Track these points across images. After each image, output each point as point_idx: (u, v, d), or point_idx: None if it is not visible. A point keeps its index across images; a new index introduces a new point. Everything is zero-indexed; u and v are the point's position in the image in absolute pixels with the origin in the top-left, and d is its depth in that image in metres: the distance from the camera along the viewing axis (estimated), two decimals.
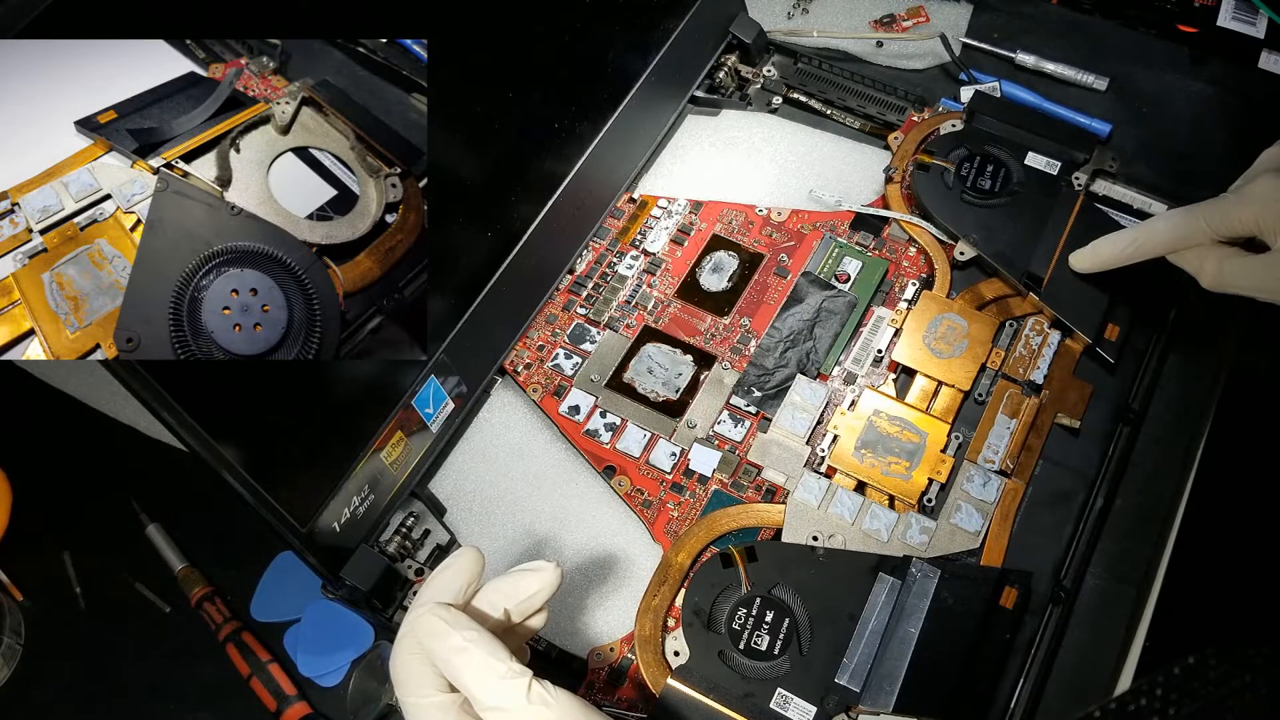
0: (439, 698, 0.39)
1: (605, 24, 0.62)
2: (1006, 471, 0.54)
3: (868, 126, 0.70)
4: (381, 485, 0.53)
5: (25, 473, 0.62)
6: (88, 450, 0.63)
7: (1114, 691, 0.50)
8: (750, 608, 0.50)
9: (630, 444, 0.57)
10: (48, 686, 0.56)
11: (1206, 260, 0.49)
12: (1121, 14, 0.74)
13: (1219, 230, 0.48)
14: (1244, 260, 0.48)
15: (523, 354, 0.60)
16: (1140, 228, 0.52)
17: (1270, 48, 0.72)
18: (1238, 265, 0.48)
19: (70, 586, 0.58)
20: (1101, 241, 0.55)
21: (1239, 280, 0.48)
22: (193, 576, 0.58)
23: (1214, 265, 0.49)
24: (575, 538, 0.56)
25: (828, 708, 0.47)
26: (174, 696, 0.55)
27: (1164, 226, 0.51)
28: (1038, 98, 0.69)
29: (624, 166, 0.66)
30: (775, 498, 0.55)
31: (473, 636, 0.39)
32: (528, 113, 0.58)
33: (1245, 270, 0.48)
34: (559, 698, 0.39)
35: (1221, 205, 0.48)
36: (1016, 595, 0.50)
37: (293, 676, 0.54)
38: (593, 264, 0.64)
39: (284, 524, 0.48)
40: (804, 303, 0.61)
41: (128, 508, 0.60)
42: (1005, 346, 0.58)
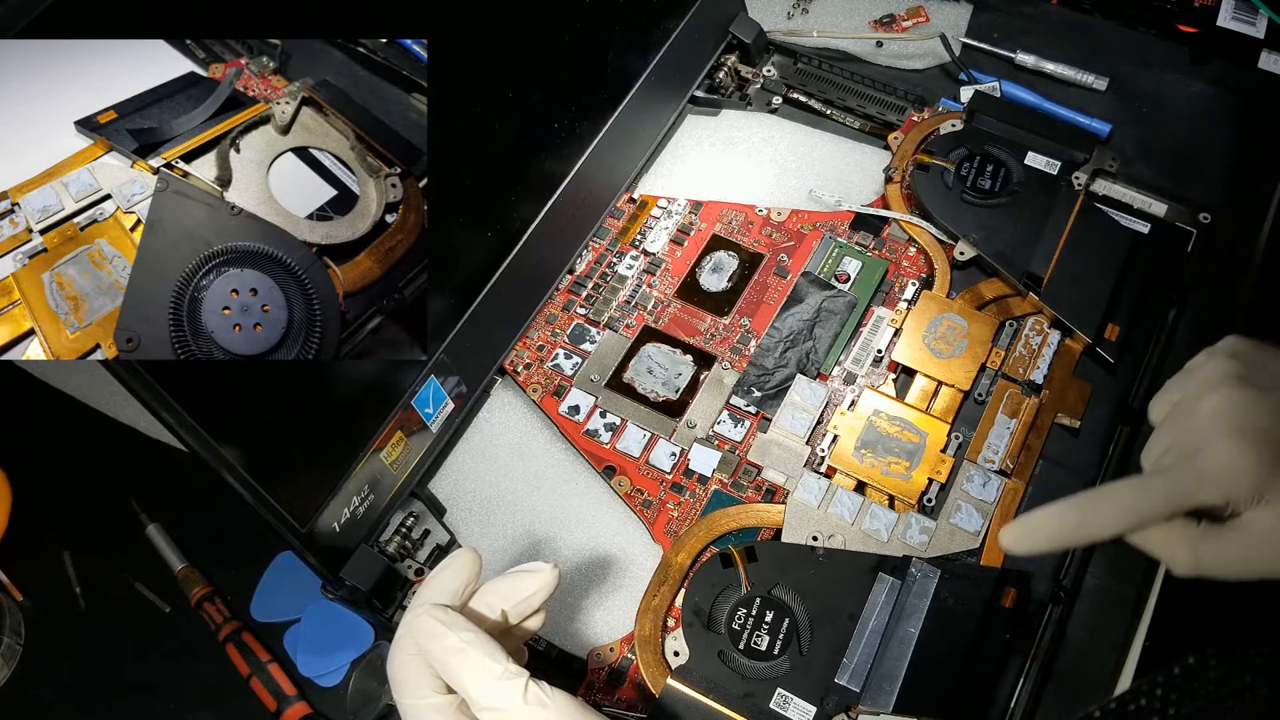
0: (436, 699, 0.39)
1: (605, 24, 0.62)
2: (1006, 471, 0.54)
3: (868, 126, 0.70)
4: (381, 485, 0.53)
5: (25, 473, 0.62)
6: (88, 450, 0.63)
7: (1114, 691, 0.50)
8: (750, 608, 0.50)
9: (630, 444, 0.57)
10: (48, 686, 0.56)
11: (1176, 547, 0.41)
12: (1121, 14, 0.74)
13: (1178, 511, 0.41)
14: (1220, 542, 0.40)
15: (523, 354, 0.60)
16: (1084, 508, 0.42)
17: (1270, 48, 0.72)
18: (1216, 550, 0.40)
19: (70, 586, 0.58)
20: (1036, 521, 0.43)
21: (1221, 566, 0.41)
22: (193, 576, 0.58)
23: (1187, 553, 0.41)
24: (575, 538, 0.56)
25: (828, 708, 0.47)
26: (174, 696, 0.55)
27: (1113, 509, 0.41)
28: (1038, 98, 0.69)
29: (624, 166, 0.66)
30: (775, 498, 0.55)
31: (470, 638, 0.39)
32: (528, 113, 0.58)
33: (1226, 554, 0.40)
34: (556, 698, 0.39)
35: (1179, 484, 0.40)
36: (1016, 595, 0.50)
37: (293, 676, 0.54)
38: (593, 264, 0.64)
39: (284, 524, 0.48)
40: (804, 303, 0.61)
41: (128, 508, 0.60)
42: (1005, 346, 0.58)
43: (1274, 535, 0.39)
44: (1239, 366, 0.43)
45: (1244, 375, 0.42)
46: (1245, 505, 0.40)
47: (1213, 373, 0.43)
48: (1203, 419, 0.42)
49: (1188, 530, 0.41)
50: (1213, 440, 0.40)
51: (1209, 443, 0.40)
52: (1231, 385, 0.42)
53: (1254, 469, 0.39)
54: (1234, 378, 0.42)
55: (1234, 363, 0.43)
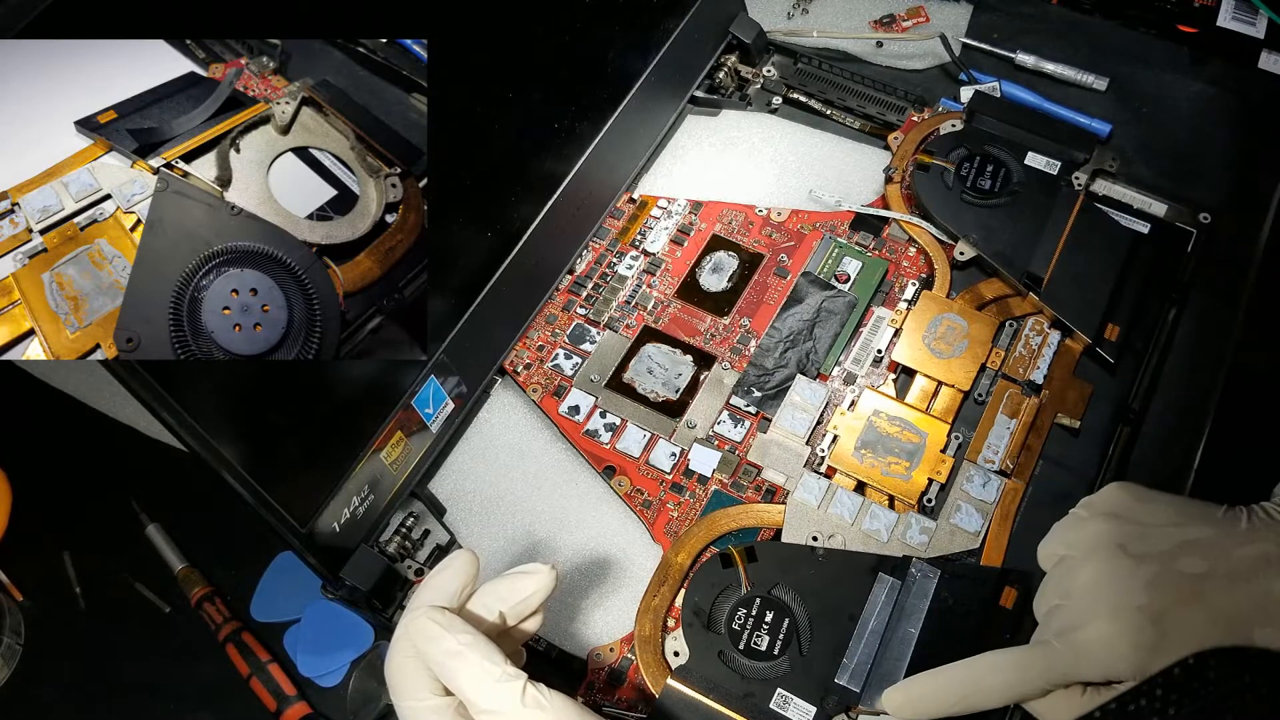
0: (434, 701, 0.39)
1: (605, 24, 0.62)
2: (1006, 471, 0.54)
3: (868, 126, 0.70)
4: (381, 485, 0.53)
5: (25, 473, 0.62)
6: (88, 450, 0.63)
7: None
8: (750, 608, 0.50)
9: (630, 444, 0.57)
10: (48, 686, 0.56)
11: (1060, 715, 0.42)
12: (1121, 14, 0.74)
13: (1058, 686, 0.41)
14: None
15: (523, 354, 0.60)
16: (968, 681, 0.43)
17: (1270, 48, 0.72)
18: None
19: (70, 586, 0.58)
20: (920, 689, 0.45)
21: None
22: (193, 576, 0.58)
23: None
24: (575, 538, 0.56)
25: (828, 708, 0.47)
26: (174, 696, 0.55)
27: (995, 684, 0.42)
28: (1038, 98, 0.69)
29: (624, 166, 0.66)
30: (775, 498, 0.55)
31: (467, 640, 0.39)
32: (528, 113, 0.58)
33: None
34: (554, 700, 0.39)
35: (1058, 661, 0.41)
36: (1016, 595, 0.50)
37: (292, 676, 0.54)
38: (592, 264, 0.64)
39: (284, 524, 0.48)
40: (804, 303, 0.61)
41: (128, 508, 0.60)
42: (1005, 346, 0.58)
43: None
44: (1118, 530, 0.43)
45: (1122, 542, 0.42)
46: (1128, 678, 0.40)
47: (1092, 536, 0.43)
48: (1081, 591, 0.42)
49: (1072, 700, 0.41)
50: (1089, 620, 0.41)
51: (1085, 622, 0.41)
52: (1108, 555, 0.42)
53: (1130, 651, 0.39)
54: (1111, 545, 0.42)
55: (1113, 524, 0.43)
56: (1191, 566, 0.41)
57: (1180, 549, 0.41)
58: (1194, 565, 0.41)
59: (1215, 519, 0.42)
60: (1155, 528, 0.42)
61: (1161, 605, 0.40)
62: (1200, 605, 0.40)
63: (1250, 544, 0.41)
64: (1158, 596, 0.40)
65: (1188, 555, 0.41)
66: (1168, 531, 0.42)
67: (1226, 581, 0.40)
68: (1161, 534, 0.42)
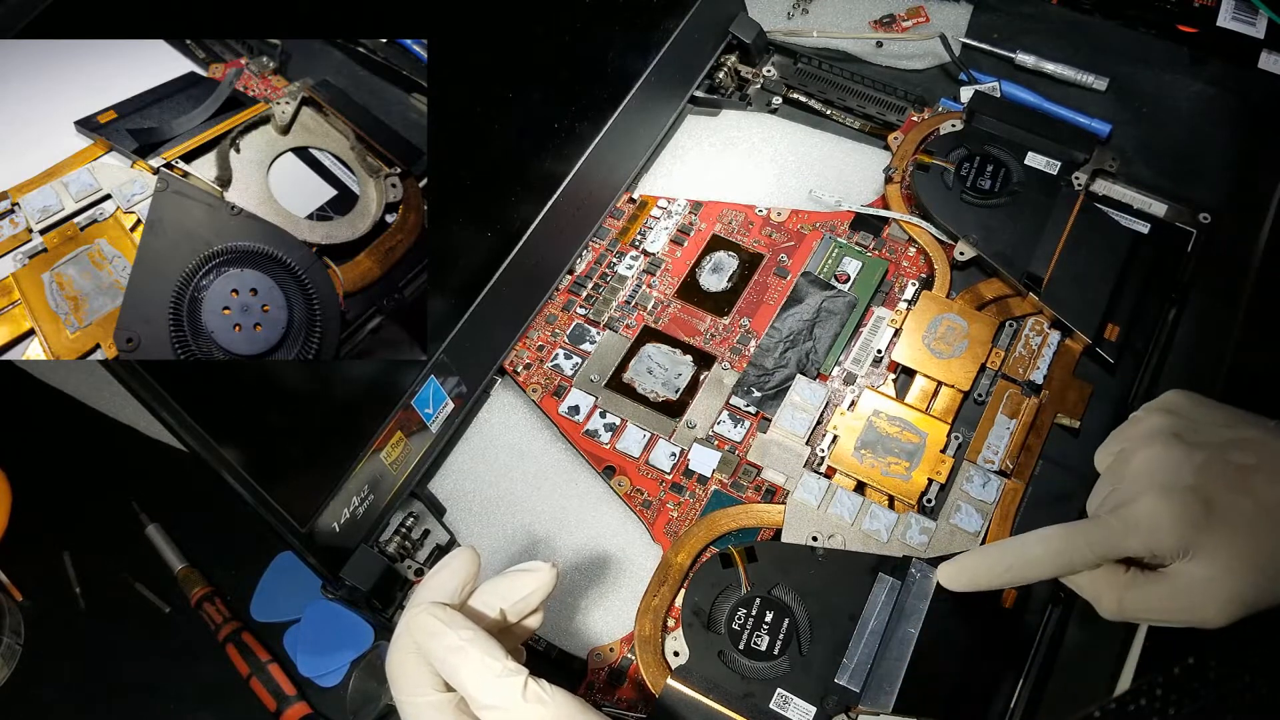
0: (435, 697, 0.39)
1: (605, 24, 0.62)
2: (1006, 472, 0.54)
3: (868, 126, 0.70)
4: (381, 485, 0.53)
5: (25, 473, 0.62)
6: (88, 450, 0.63)
7: (1114, 691, 0.50)
8: (750, 608, 0.50)
9: (630, 444, 0.57)
10: (48, 686, 0.56)
11: (1102, 591, 0.43)
12: (1121, 14, 0.74)
13: (1105, 558, 0.43)
14: (1145, 590, 0.42)
15: (522, 354, 0.60)
16: (1016, 551, 0.45)
17: (1270, 48, 0.72)
18: (1139, 597, 0.43)
19: (70, 586, 0.58)
20: (971, 560, 0.46)
21: (1143, 612, 0.43)
22: (193, 576, 0.58)
23: (1112, 598, 0.43)
24: (575, 538, 0.56)
25: (828, 708, 0.47)
26: (174, 696, 0.55)
27: (1042, 553, 0.44)
28: (1038, 98, 0.69)
29: (624, 166, 0.66)
30: (775, 498, 0.55)
31: (469, 636, 0.39)
32: (528, 113, 0.58)
33: (1148, 601, 0.42)
34: (555, 696, 0.39)
35: (1106, 532, 0.42)
36: (1016, 595, 0.50)
37: (292, 676, 0.54)
38: (592, 264, 0.64)
39: (284, 524, 0.48)
40: (804, 303, 0.61)
41: (128, 508, 0.60)
42: (1005, 346, 0.58)
43: (1195, 588, 0.41)
44: (1174, 422, 0.44)
45: (1177, 431, 0.44)
46: (1170, 558, 0.41)
47: (1148, 428, 0.45)
48: (1134, 472, 0.44)
49: (1115, 576, 0.43)
50: (1139, 495, 0.42)
51: (1136, 497, 0.42)
52: (1163, 441, 0.44)
53: (1175, 525, 0.41)
54: (1167, 434, 0.44)
55: (1170, 418, 0.45)
56: (1242, 459, 0.42)
57: (1232, 444, 0.43)
58: (1244, 458, 0.42)
59: (1268, 426, 0.44)
60: (1210, 425, 0.44)
61: (1211, 488, 0.41)
62: (1248, 494, 0.41)
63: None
64: (1207, 480, 0.42)
65: (1239, 450, 0.43)
66: (1221, 429, 0.44)
67: (1273, 475, 0.42)
68: (1215, 430, 0.44)
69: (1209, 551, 0.40)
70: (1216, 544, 0.40)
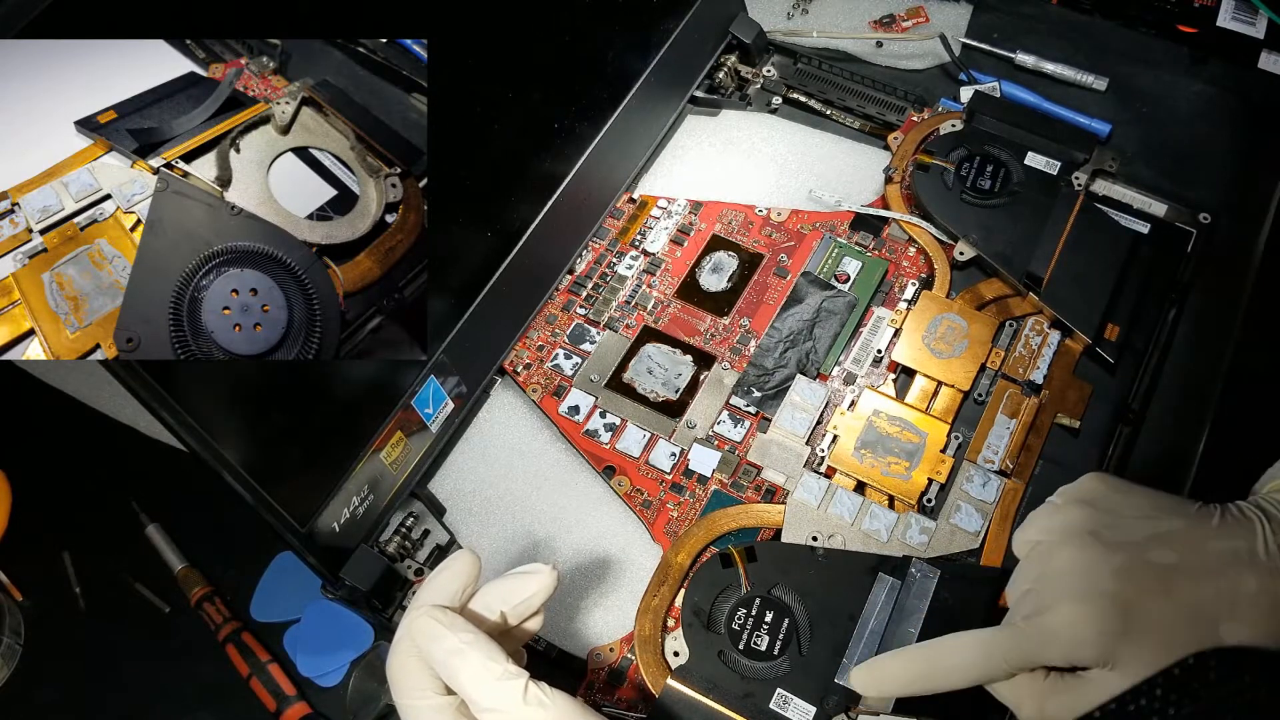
0: (435, 700, 0.39)
1: (605, 24, 0.62)
2: (1006, 471, 0.54)
3: (868, 126, 0.70)
4: (381, 485, 0.53)
5: (25, 473, 0.62)
6: (88, 450, 0.63)
7: None
8: (750, 608, 0.50)
9: (630, 444, 0.57)
10: (48, 686, 0.56)
11: (1022, 699, 0.42)
12: (1121, 14, 0.74)
13: (1023, 669, 0.41)
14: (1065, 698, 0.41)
15: (522, 354, 0.60)
16: (933, 660, 0.43)
17: (1270, 48, 0.72)
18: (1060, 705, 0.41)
19: (70, 586, 0.58)
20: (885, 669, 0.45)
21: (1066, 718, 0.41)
22: (193, 576, 0.58)
23: (1033, 707, 0.41)
24: (575, 538, 0.56)
25: (828, 708, 0.47)
26: (174, 696, 0.55)
27: (958, 663, 0.42)
28: (1038, 98, 0.69)
29: (624, 166, 0.66)
30: (775, 498, 0.55)
31: (469, 638, 0.39)
32: (528, 113, 0.58)
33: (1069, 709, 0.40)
34: (555, 699, 0.39)
35: (1025, 643, 0.41)
36: None
37: (292, 676, 0.54)
38: (592, 264, 0.64)
39: (284, 524, 0.48)
40: (804, 303, 0.61)
41: (128, 508, 0.60)
42: (1005, 346, 0.58)
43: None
44: (1092, 517, 0.43)
45: (1095, 529, 0.42)
46: (1092, 666, 0.40)
47: (1066, 523, 0.43)
48: (1052, 575, 0.42)
49: (1035, 684, 0.41)
50: (1057, 603, 0.41)
51: (1053, 604, 0.41)
52: (1080, 541, 0.42)
53: (1095, 636, 0.39)
54: (1084, 532, 0.42)
55: (1088, 512, 0.43)
56: (1162, 558, 0.41)
57: (1152, 540, 0.41)
58: (1165, 556, 0.41)
59: (1189, 514, 0.42)
60: (1129, 518, 0.43)
61: (1129, 593, 0.40)
62: (1168, 596, 0.40)
63: (1222, 539, 0.41)
64: (1126, 584, 0.40)
65: (1159, 547, 0.41)
66: (1141, 522, 0.42)
67: (1196, 574, 0.40)
68: (1134, 524, 0.42)
69: (1129, 661, 0.39)
70: (1136, 653, 0.39)
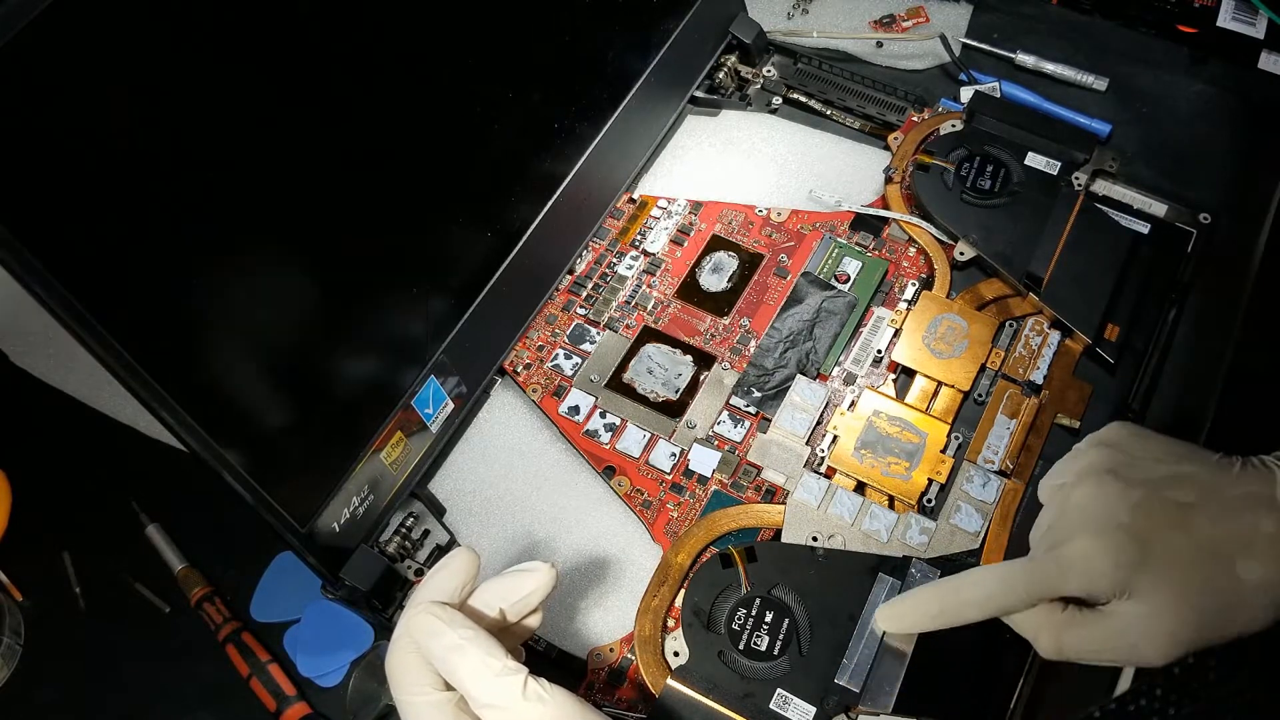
0: (435, 696, 0.39)
1: (605, 24, 0.62)
2: (1006, 472, 0.54)
3: (868, 126, 0.70)
4: (381, 485, 0.53)
5: (25, 473, 0.62)
6: (88, 450, 0.63)
7: (1114, 691, 0.50)
8: (750, 608, 0.50)
9: (630, 444, 0.57)
10: (48, 686, 0.56)
11: (1040, 630, 0.43)
12: (1121, 14, 0.74)
13: (1041, 599, 0.42)
14: (1083, 630, 0.42)
15: (522, 354, 0.60)
16: (948, 592, 0.45)
17: (1270, 48, 0.72)
18: (1078, 636, 0.42)
19: (70, 586, 0.58)
20: (906, 605, 0.47)
21: (1081, 652, 0.42)
22: (193, 576, 0.58)
23: (1051, 637, 0.42)
24: (575, 538, 0.56)
25: (827, 708, 0.47)
26: (174, 696, 0.55)
27: (977, 595, 0.44)
28: (1038, 98, 0.69)
29: (624, 166, 0.66)
30: (775, 498, 0.55)
31: (468, 635, 0.39)
32: (528, 113, 0.58)
33: (1087, 641, 0.42)
34: (555, 694, 0.39)
35: (1042, 574, 0.42)
36: None
37: (292, 676, 0.54)
38: (592, 264, 0.64)
39: (284, 524, 0.48)
40: (804, 303, 0.61)
41: (128, 508, 0.60)
42: (1005, 347, 0.58)
43: (1133, 628, 0.40)
44: (1112, 457, 0.44)
45: (1114, 468, 0.43)
46: (1107, 598, 0.41)
47: (1087, 464, 0.44)
48: (1070, 510, 0.43)
49: (1053, 615, 0.42)
50: (1074, 535, 0.42)
51: (1071, 537, 0.42)
52: (1099, 479, 0.43)
53: (1111, 566, 0.40)
54: (1103, 470, 0.43)
55: (1109, 453, 0.44)
56: (1180, 496, 0.42)
57: (1171, 480, 0.42)
58: (1183, 495, 0.42)
59: (1209, 461, 0.43)
60: (1149, 460, 0.43)
61: (1146, 527, 0.41)
62: (1184, 531, 0.41)
63: (1240, 485, 0.42)
64: (1143, 519, 0.41)
65: (1178, 486, 0.42)
66: (1161, 465, 0.43)
67: (1213, 513, 0.41)
68: (1154, 466, 0.43)
69: (1145, 592, 0.40)
70: (1153, 584, 0.40)
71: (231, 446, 0.45)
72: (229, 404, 0.46)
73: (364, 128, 0.49)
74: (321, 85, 0.47)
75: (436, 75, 0.52)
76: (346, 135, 0.48)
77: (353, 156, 0.49)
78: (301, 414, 0.49)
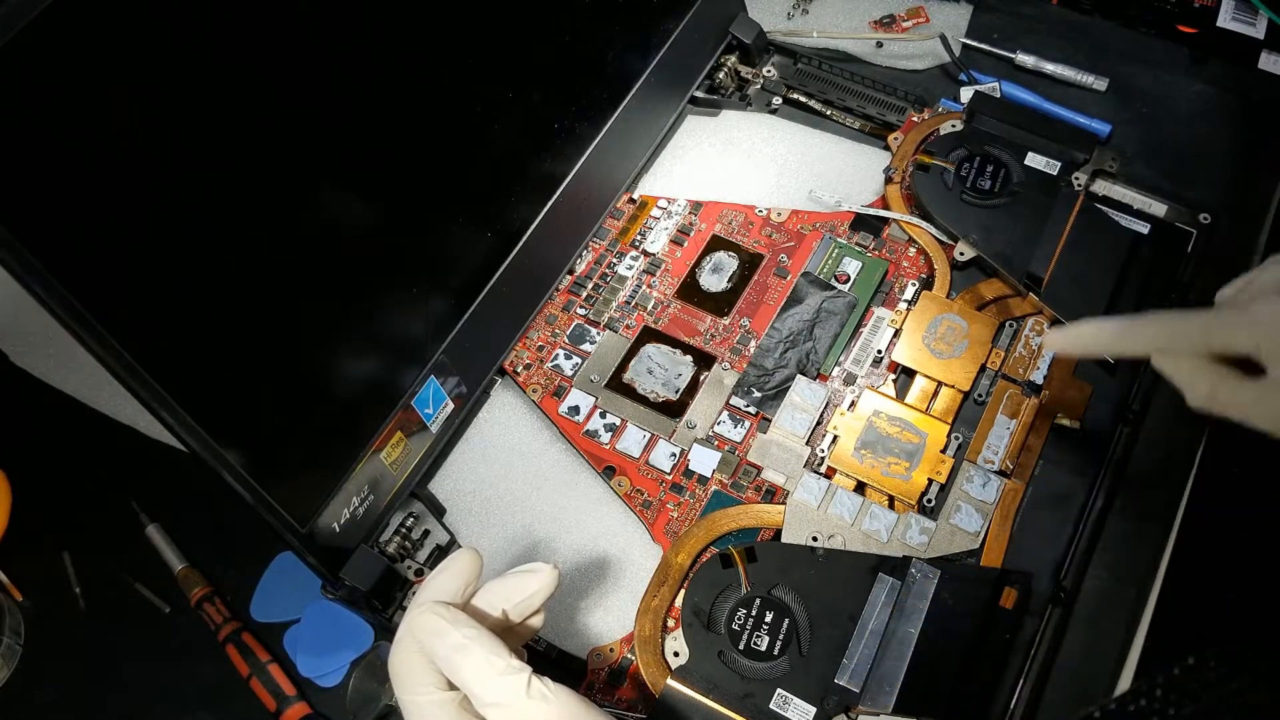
0: (438, 695, 0.39)
1: (605, 24, 0.62)
2: (1006, 472, 0.54)
3: (868, 127, 0.70)
4: (381, 485, 0.53)
5: (25, 473, 0.62)
6: (88, 450, 0.63)
7: (1114, 691, 0.50)
8: (750, 608, 0.50)
9: (630, 444, 0.57)
10: (48, 686, 0.56)
11: (1199, 377, 0.43)
12: (1121, 14, 0.74)
13: (1214, 345, 0.43)
14: (1240, 386, 0.42)
15: (522, 354, 0.60)
16: (1129, 321, 0.46)
17: (1270, 48, 0.72)
18: (1232, 391, 0.42)
19: (70, 586, 0.58)
20: (1083, 326, 0.48)
21: (1232, 406, 0.43)
22: (193, 576, 0.58)
23: (1206, 385, 0.43)
24: (575, 538, 0.56)
25: (827, 708, 0.47)
26: (174, 696, 0.55)
27: (1156, 328, 0.45)
28: (1038, 98, 0.69)
29: (624, 166, 0.66)
30: (775, 498, 0.55)
31: (472, 634, 0.39)
32: (528, 113, 0.58)
33: (1241, 398, 0.42)
34: (558, 693, 0.39)
35: (1222, 320, 0.43)
36: (1016, 595, 0.50)
37: (292, 677, 0.54)
38: (592, 264, 0.64)
39: (284, 524, 0.48)
40: (804, 303, 0.61)
41: (128, 508, 0.60)
42: (1005, 347, 0.58)
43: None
44: None
45: None
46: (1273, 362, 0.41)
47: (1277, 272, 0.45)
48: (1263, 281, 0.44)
49: (1215, 369, 0.43)
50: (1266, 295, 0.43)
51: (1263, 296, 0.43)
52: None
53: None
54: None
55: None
56: None
57: None
58: None
59: None
60: None
61: None
62: None
63: None
64: None
65: None
66: None
67: None
68: None
69: None
70: None
71: (231, 446, 0.45)
72: (229, 404, 0.46)
73: (364, 128, 0.49)
74: (322, 85, 0.47)
75: (436, 75, 0.52)
76: (347, 135, 0.48)
77: (353, 156, 0.49)
78: (301, 414, 0.49)
